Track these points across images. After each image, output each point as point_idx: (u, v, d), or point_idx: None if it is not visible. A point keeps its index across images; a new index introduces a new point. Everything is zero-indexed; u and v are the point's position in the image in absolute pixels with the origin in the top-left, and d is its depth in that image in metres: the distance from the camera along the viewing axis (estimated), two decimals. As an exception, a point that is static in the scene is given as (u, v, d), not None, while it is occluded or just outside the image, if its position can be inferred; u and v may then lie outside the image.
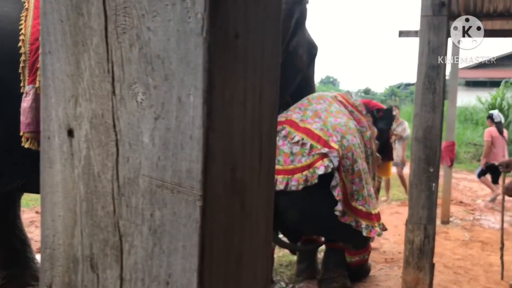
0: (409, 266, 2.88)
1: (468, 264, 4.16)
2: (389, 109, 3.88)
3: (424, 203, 2.84)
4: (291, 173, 2.94)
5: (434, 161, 2.83)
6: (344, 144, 3.01)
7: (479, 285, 3.63)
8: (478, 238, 5.08)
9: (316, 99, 3.35)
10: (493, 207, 7.04)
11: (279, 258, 4.18)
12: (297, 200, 2.98)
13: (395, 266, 4.02)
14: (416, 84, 2.87)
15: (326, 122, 3.08)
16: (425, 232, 2.85)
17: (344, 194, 2.99)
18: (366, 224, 3.04)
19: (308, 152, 2.94)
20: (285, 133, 3.06)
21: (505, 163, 3.67)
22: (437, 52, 2.79)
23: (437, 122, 2.83)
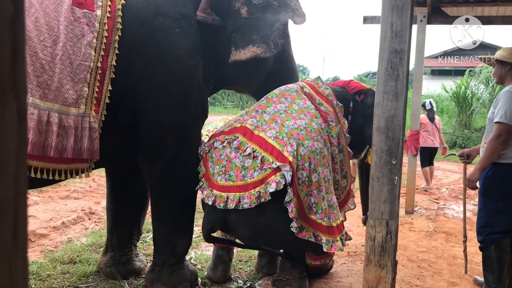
0: (370, 264, 2.70)
1: (432, 257, 4.06)
2: (370, 90, 3.46)
3: (386, 197, 2.66)
4: (242, 189, 2.72)
5: (396, 153, 2.64)
6: (300, 153, 2.79)
7: (442, 279, 3.52)
8: (442, 228, 5.01)
9: (277, 97, 3.10)
10: (457, 195, 7.04)
11: (239, 253, 3.98)
12: (248, 218, 2.77)
13: (358, 260, 3.88)
14: (378, 71, 2.67)
15: (282, 128, 2.85)
16: (387, 228, 2.67)
17: (301, 209, 2.78)
18: (326, 239, 2.84)
19: (260, 166, 2.72)
20: (237, 144, 2.83)
21: (466, 154, 3.56)
22: (400, 36, 2.59)
23: (400, 111, 2.64)
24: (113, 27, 2.68)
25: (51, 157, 2.49)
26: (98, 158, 2.68)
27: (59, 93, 2.49)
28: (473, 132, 13.44)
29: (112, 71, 2.66)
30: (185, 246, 3.12)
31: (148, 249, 3.98)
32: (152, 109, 2.85)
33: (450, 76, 19.62)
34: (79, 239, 4.30)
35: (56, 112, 2.47)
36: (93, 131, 2.62)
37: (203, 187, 2.88)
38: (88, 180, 6.75)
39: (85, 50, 2.57)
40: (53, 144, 2.46)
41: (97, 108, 2.63)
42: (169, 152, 2.93)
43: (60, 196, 5.89)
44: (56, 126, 2.46)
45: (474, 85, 14.66)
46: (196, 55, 2.96)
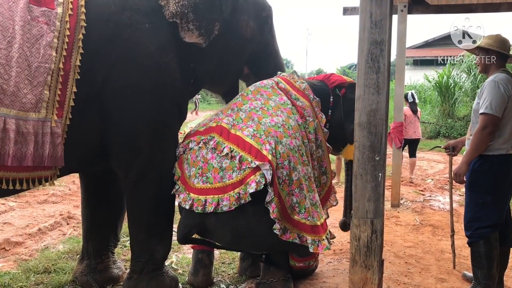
0: (356, 265, 2.60)
1: (420, 252, 3.98)
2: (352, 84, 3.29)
3: (370, 195, 2.55)
4: (221, 191, 2.58)
5: (379, 148, 2.53)
6: (279, 151, 2.66)
7: (431, 275, 3.44)
8: (428, 221, 4.94)
9: (252, 94, 2.95)
10: (442, 186, 7.01)
11: (222, 255, 3.86)
12: (228, 221, 2.63)
13: (344, 258, 3.78)
14: (358, 63, 2.55)
15: (259, 125, 2.72)
16: (372, 227, 2.56)
17: (283, 209, 2.65)
18: (312, 239, 2.72)
19: (238, 166, 2.58)
20: (214, 145, 2.68)
21: (451, 146, 3.47)
22: (380, 26, 2.47)
23: (382, 105, 2.52)
24: (75, 25, 2.50)
25: (9, 166, 2.32)
26: (62, 164, 2.51)
27: (16, 98, 2.31)
28: (456, 121, 13.48)
29: (77, 72, 2.49)
30: (164, 252, 2.98)
31: (127, 254, 3.83)
32: (122, 110, 2.68)
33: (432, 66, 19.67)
34: (56, 246, 4.14)
35: (13, 118, 2.30)
36: (56, 137, 2.45)
37: (179, 191, 2.74)
38: (67, 183, 6.58)
39: (45, 51, 2.39)
40: (10, 152, 2.30)
41: (60, 112, 2.46)
42: (143, 155, 2.77)
43: (37, 201, 5.69)
44: (13, 133, 2.29)
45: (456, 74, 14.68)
46: (169, 52, 2.78)
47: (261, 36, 3.25)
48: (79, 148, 2.64)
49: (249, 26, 3.15)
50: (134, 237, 2.96)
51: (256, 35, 3.20)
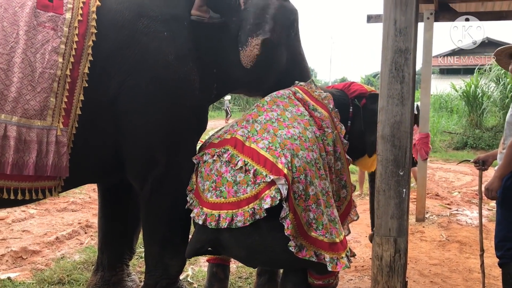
0: (377, 286, 2.46)
1: (446, 270, 3.79)
2: (374, 95, 3.15)
3: (394, 212, 2.41)
4: (235, 206, 2.47)
5: (404, 162, 2.39)
6: (295, 164, 2.53)
7: (458, 297, 3.25)
8: (455, 237, 4.73)
9: (268, 104, 2.84)
10: (470, 199, 6.76)
11: (239, 269, 3.75)
12: (243, 237, 2.52)
13: (366, 276, 3.62)
14: (381, 72, 2.43)
15: (274, 138, 2.60)
16: (395, 246, 2.42)
17: (299, 225, 2.52)
18: (330, 257, 2.58)
19: (253, 180, 2.47)
20: (228, 158, 2.58)
21: (481, 160, 3.28)
22: (404, 34, 2.35)
23: (406, 117, 2.39)
24: (85, 32, 2.43)
25: (8, 174, 2.26)
26: (66, 175, 2.44)
27: (17, 104, 2.26)
28: (484, 131, 13.08)
29: (85, 79, 2.42)
30: (179, 266, 2.89)
31: (142, 266, 3.76)
32: (138, 122, 2.60)
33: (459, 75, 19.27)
34: (72, 255, 4.10)
35: (14, 125, 2.25)
36: (61, 146, 2.38)
37: (193, 205, 2.64)
38: (88, 190, 6.59)
39: (50, 56, 2.33)
40: (10, 160, 2.23)
41: (66, 120, 2.39)
42: (158, 168, 2.69)
43: (57, 209, 5.70)
44: (14, 140, 2.24)
45: (484, 83, 14.29)
46: (189, 61, 2.69)
47: (287, 41, 3.15)
48: (90, 158, 2.58)
49: (275, 30, 3.05)
50: (149, 250, 2.88)
51: (282, 40, 3.10)
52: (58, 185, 2.50)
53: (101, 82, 2.48)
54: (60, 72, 2.35)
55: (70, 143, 2.43)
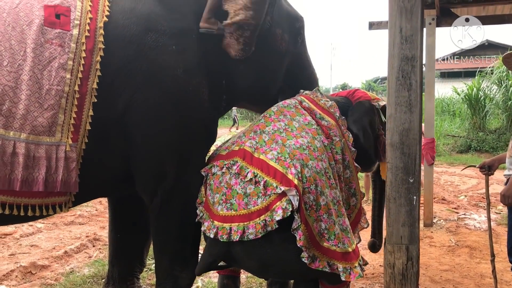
0: (391, 294, 2.45)
1: (457, 276, 3.76)
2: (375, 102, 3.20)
3: (405, 219, 2.41)
4: (247, 219, 2.45)
5: (414, 170, 2.39)
6: (305, 175, 2.52)
7: (471, 303, 3.23)
8: (465, 242, 4.70)
9: (275, 115, 2.84)
10: (477, 203, 6.73)
11: (248, 280, 3.74)
12: (254, 249, 2.50)
13: (377, 283, 3.60)
14: (388, 80, 2.44)
15: (283, 148, 2.59)
16: (407, 254, 2.42)
17: (311, 236, 2.51)
18: (343, 267, 2.56)
19: (263, 192, 2.46)
20: (237, 170, 2.57)
21: (487, 165, 3.27)
22: (410, 41, 2.36)
23: (415, 124, 2.39)
24: (93, 47, 2.45)
25: (18, 191, 2.27)
26: (76, 190, 2.45)
27: (25, 121, 2.27)
28: (488, 134, 13.06)
29: (94, 95, 2.43)
30: (189, 279, 2.88)
31: (152, 278, 3.76)
32: (147, 136, 2.60)
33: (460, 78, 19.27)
34: (81, 269, 4.09)
35: (23, 142, 2.25)
36: (70, 161, 2.38)
37: (204, 218, 2.64)
38: (94, 203, 6.58)
39: (57, 73, 2.34)
40: (19, 177, 2.24)
41: (75, 136, 2.40)
42: (168, 181, 2.68)
43: (64, 222, 5.70)
44: (23, 157, 2.24)
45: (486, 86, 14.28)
46: (198, 74, 2.69)
47: (294, 48, 3.15)
48: (99, 173, 2.58)
49: (284, 39, 3.04)
50: (159, 263, 2.87)
51: (290, 48, 3.10)
52: (69, 200, 2.51)
53: (110, 97, 2.49)
54: (68, 88, 2.36)
55: (80, 159, 2.44)
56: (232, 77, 2.90)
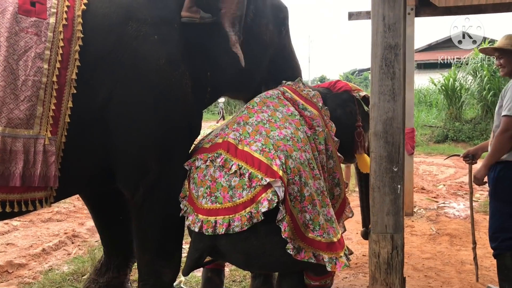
0: (376, 283, 2.45)
1: (439, 263, 3.80)
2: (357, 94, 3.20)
3: (389, 208, 2.41)
4: (232, 211, 2.42)
5: (397, 159, 2.39)
6: (289, 166, 2.50)
7: (453, 290, 3.27)
8: (445, 230, 4.77)
9: (259, 105, 2.80)
10: (455, 192, 6.84)
11: (232, 273, 3.70)
12: (241, 242, 2.47)
13: (360, 273, 3.61)
14: (371, 69, 2.42)
15: (267, 139, 2.56)
16: (392, 243, 2.41)
17: (296, 227, 2.49)
18: (329, 257, 2.56)
19: (248, 184, 2.42)
20: (221, 162, 2.53)
21: (471, 154, 3.30)
22: (393, 30, 2.35)
23: (398, 113, 2.39)
24: (71, 37, 2.36)
25: None
26: (55, 185, 2.37)
27: (1, 114, 2.17)
28: (464, 124, 13.28)
29: (73, 86, 2.34)
30: (172, 274, 2.83)
31: (134, 274, 3.69)
32: (128, 129, 2.53)
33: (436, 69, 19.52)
34: (60, 267, 4.00)
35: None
36: (50, 155, 2.30)
37: (188, 212, 2.59)
38: (72, 200, 6.44)
39: (33, 63, 2.25)
40: None
41: (55, 129, 2.31)
42: (150, 176, 2.61)
43: (41, 219, 5.56)
44: None
45: (462, 76, 14.51)
46: (180, 65, 2.62)
47: (279, 39, 3.11)
48: (80, 168, 2.50)
49: (268, 30, 2.99)
50: (141, 259, 2.81)
51: (274, 38, 3.06)
52: (50, 195, 2.43)
53: (90, 88, 2.41)
54: (46, 79, 2.27)
55: (60, 152, 2.36)
56: (216, 69, 2.85)
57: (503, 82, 12.23)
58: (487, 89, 12.66)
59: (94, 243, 4.62)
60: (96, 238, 4.80)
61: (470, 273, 3.55)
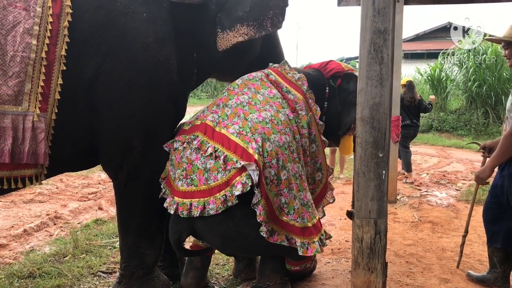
0: (358, 268, 2.46)
1: (420, 250, 3.85)
2: (349, 74, 3.18)
3: (374, 194, 2.41)
4: (207, 194, 2.42)
5: (383, 144, 2.39)
6: (266, 149, 2.49)
7: (433, 276, 3.30)
8: (427, 218, 4.82)
9: (239, 88, 2.76)
10: (438, 180, 6.91)
11: (215, 256, 3.70)
12: (216, 225, 2.47)
13: (343, 258, 3.63)
14: (359, 54, 2.41)
15: (245, 122, 2.54)
16: (375, 228, 2.42)
17: (270, 210, 2.49)
18: (301, 241, 2.57)
19: (223, 167, 2.42)
20: (198, 144, 2.51)
21: (487, 147, 3.26)
22: (383, 14, 2.33)
23: (385, 98, 2.38)
24: (60, 12, 2.30)
25: None
26: (46, 162, 2.33)
27: None
28: (449, 114, 13.40)
29: (63, 62, 2.30)
30: (155, 256, 2.82)
31: (116, 256, 3.67)
32: (114, 106, 2.49)
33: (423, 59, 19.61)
34: (42, 248, 3.95)
35: None
36: (39, 132, 2.27)
37: (166, 194, 2.58)
38: (55, 181, 6.37)
39: (22, 39, 2.20)
40: None
41: (44, 106, 2.28)
42: (134, 155, 2.59)
43: (23, 200, 5.49)
44: None
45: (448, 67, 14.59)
46: (168, 44, 2.59)
47: None
48: (71, 144, 2.47)
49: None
50: (124, 241, 2.80)
51: None
52: (41, 173, 2.40)
53: (79, 64, 2.37)
54: (35, 55, 2.22)
55: (51, 130, 2.32)
56: (204, 50, 2.81)
57: (488, 74, 12.36)
58: (472, 80, 12.75)
59: (77, 224, 4.58)
60: (78, 220, 4.77)
61: (451, 260, 3.60)
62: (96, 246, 3.92)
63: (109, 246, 3.95)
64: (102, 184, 6.34)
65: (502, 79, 12.28)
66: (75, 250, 3.76)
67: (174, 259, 3.21)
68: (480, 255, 3.73)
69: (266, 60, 3.08)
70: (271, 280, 2.84)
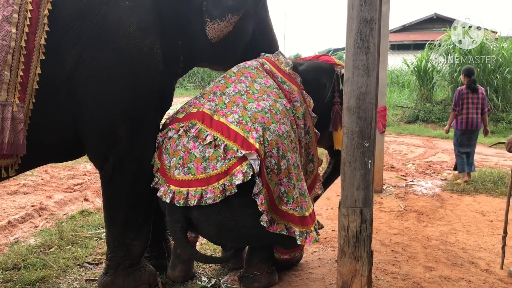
0: (344, 256, 2.48)
1: (406, 239, 3.89)
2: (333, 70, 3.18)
3: (360, 183, 2.42)
4: (205, 183, 2.39)
5: (369, 134, 2.39)
6: (267, 138, 2.48)
7: (418, 264, 3.34)
8: (412, 207, 4.87)
9: (236, 76, 2.75)
10: (424, 170, 6.98)
11: (203, 246, 3.70)
12: (213, 214, 2.45)
13: (329, 247, 3.66)
14: (346, 44, 2.40)
15: (244, 111, 2.52)
16: (361, 217, 2.43)
17: (271, 200, 2.49)
18: (300, 230, 2.57)
19: (223, 156, 2.40)
20: (195, 133, 2.48)
21: None
22: (370, 3, 2.32)
23: (371, 88, 2.38)
24: (40, 0, 2.27)
25: None
26: (24, 153, 2.30)
27: None
28: (435, 105, 13.50)
29: (42, 51, 2.26)
30: (142, 247, 2.81)
31: (103, 247, 3.65)
32: (97, 97, 2.46)
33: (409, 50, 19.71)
34: (27, 239, 3.91)
35: None
36: (17, 122, 2.23)
37: (159, 183, 2.55)
38: (40, 172, 6.31)
39: (1, 27, 2.15)
40: None
41: (22, 96, 2.24)
42: (120, 146, 2.56)
43: (7, 192, 5.42)
44: None
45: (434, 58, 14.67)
46: (152, 33, 2.56)
47: (255, 12, 3.05)
48: (49, 136, 2.43)
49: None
50: (110, 232, 2.78)
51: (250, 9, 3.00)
52: (15, 162, 2.36)
53: (59, 54, 2.33)
54: (14, 44, 2.18)
55: (27, 120, 2.28)
56: (189, 38, 2.78)
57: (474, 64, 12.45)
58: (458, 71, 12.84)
59: (62, 216, 4.54)
60: (64, 211, 4.72)
61: (435, 248, 3.64)
62: (82, 237, 3.89)
63: (95, 237, 3.92)
64: (87, 175, 6.29)
65: (487, 70, 12.39)
66: (60, 242, 3.72)
67: (161, 250, 3.20)
68: (464, 244, 3.79)
69: (257, 47, 3.06)
70: (258, 269, 2.85)
